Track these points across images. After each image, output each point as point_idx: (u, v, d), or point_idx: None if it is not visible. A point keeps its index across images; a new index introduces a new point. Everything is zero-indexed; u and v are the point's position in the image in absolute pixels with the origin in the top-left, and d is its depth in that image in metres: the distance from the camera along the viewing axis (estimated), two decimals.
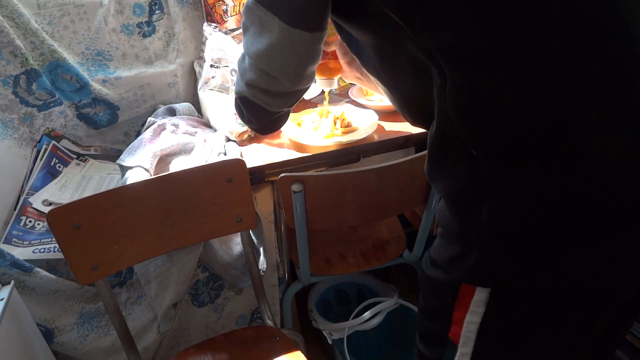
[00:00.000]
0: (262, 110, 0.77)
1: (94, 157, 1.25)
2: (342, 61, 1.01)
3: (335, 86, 1.13)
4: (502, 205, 0.52)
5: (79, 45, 1.19)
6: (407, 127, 1.14)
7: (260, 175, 1.04)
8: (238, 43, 1.09)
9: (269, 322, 1.07)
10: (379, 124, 1.12)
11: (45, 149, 1.16)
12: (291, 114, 1.18)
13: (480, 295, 0.57)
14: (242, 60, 0.75)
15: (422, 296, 0.69)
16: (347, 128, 1.11)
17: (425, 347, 0.71)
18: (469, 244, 0.56)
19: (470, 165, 0.52)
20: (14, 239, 0.99)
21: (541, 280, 0.54)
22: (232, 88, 1.10)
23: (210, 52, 1.14)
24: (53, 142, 1.18)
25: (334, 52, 1.05)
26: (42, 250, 0.97)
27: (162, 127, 1.15)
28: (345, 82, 1.40)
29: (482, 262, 0.55)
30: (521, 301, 0.57)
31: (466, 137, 0.52)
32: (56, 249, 0.97)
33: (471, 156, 0.52)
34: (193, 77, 1.35)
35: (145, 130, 1.16)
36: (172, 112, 1.25)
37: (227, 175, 0.94)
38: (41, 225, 1.04)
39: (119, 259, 0.92)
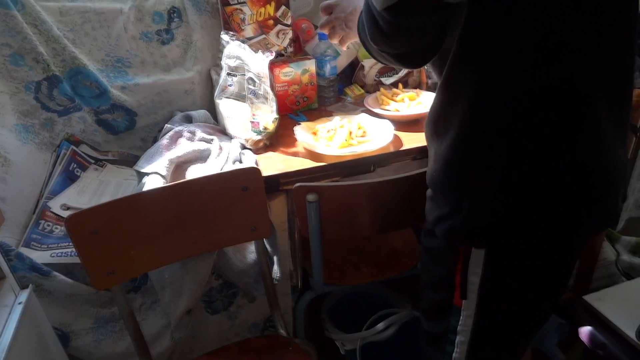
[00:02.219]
0: (434, 8, 0.55)
1: (112, 162, 1.26)
2: None
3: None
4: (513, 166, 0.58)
5: (99, 52, 1.20)
6: (422, 138, 1.13)
7: (275, 184, 1.04)
8: (255, 52, 1.10)
9: (282, 331, 1.07)
10: (394, 134, 1.11)
11: (65, 154, 1.18)
12: (307, 123, 1.19)
13: (477, 255, 0.62)
14: None
15: (423, 269, 0.74)
16: (363, 138, 1.11)
17: (431, 322, 0.73)
18: (458, 205, 0.61)
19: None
20: (32, 243, 1.00)
21: (530, 236, 0.61)
22: (249, 96, 1.11)
23: (227, 61, 1.15)
24: (72, 147, 1.20)
25: None
26: (60, 254, 0.99)
27: (179, 134, 1.16)
28: (360, 90, 1.39)
29: (472, 223, 0.61)
30: (515, 255, 0.62)
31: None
32: (74, 254, 0.98)
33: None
34: (210, 85, 1.36)
35: (162, 136, 1.17)
36: (188, 119, 1.26)
37: (243, 184, 0.95)
38: (59, 229, 1.05)
39: (135, 265, 0.93)
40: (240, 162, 1.09)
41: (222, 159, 1.09)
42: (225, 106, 1.18)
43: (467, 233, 0.61)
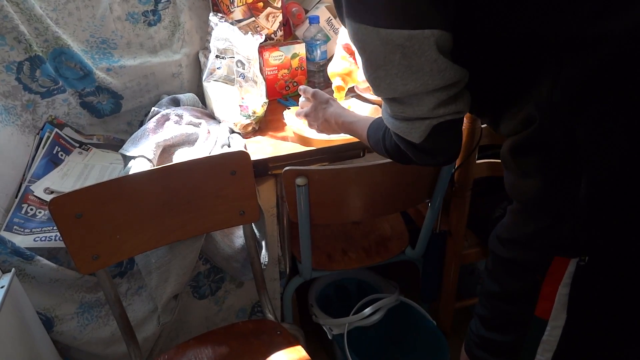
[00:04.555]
0: (458, 123, 0.66)
1: (97, 146, 1.24)
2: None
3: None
4: (603, 177, 0.54)
5: (83, 32, 1.17)
6: None
7: (264, 168, 1.03)
8: (244, 34, 1.08)
9: (270, 316, 1.07)
10: None
11: (48, 137, 1.15)
12: (296, 108, 1.18)
13: (573, 267, 0.59)
14: (399, 105, 0.64)
15: (495, 281, 0.69)
16: None
17: (498, 333, 0.70)
18: (561, 216, 0.58)
19: (571, 143, 0.54)
20: (15, 227, 0.98)
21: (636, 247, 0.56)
22: (238, 80, 1.09)
23: (215, 43, 1.13)
24: (56, 130, 1.17)
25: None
26: (43, 238, 0.97)
27: (166, 118, 1.14)
28: None
29: (578, 233, 0.57)
30: (614, 267, 0.59)
31: (571, 121, 0.54)
32: (57, 238, 0.96)
33: (573, 135, 0.54)
34: (198, 68, 1.33)
35: (149, 120, 1.15)
36: (176, 103, 1.24)
37: (231, 168, 0.94)
38: (42, 214, 1.03)
39: (120, 249, 0.91)
40: (229, 146, 1.08)
41: (210, 142, 1.08)
42: (214, 89, 1.17)
43: (573, 244, 0.58)
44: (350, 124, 0.89)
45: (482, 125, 1.02)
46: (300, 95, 1.04)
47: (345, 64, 1.17)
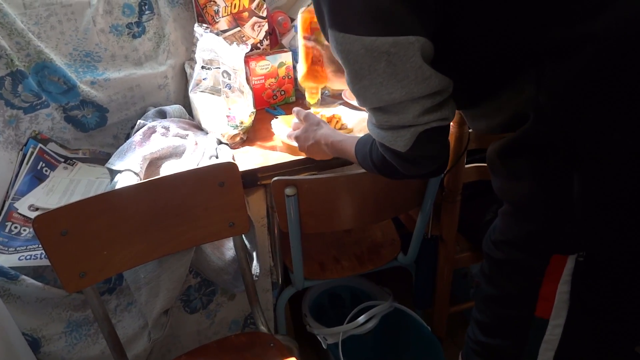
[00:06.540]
0: (444, 130, 0.66)
1: (82, 160, 1.22)
2: (327, 70, 1.03)
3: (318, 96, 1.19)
4: (596, 174, 0.54)
5: (66, 46, 1.16)
6: None
7: (253, 178, 1.03)
8: (230, 44, 1.07)
9: (263, 328, 1.05)
10: None
11: (32, 153, 1.13)
12: (284, 117, 1.18)
13: (572, 263, 0.59)
14: (384, 114, 0.63)
15: (492, 285, 0.69)
16: (341, 130, 1.10)
17: (497, 338, 0.70)
18: (555, 215, 0.58)
19: (561, 143, 0.55)
20: None
21: (635, 242, 0.57)
22: (224, 90, 1.08)
23: (201, 54, 1.12)
24: (40, 145, 1.15)
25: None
26: (28, 257, 0.95)
27: (153, 130, 1.13)
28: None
29: (575, 231, 0.57)
30: (613, 261, 0.59)
31: (560, 121, 0.55)
32: (43, 256, 0.94)
33: (563, 136, 0.54)
34: (184, 79, 1.33)
35: (135, 133, 1.14)
36: (162, 115, 1.23)
37: (219, 179, 0.93)
38: (27, 232, 1.01)
39: (108, 266, 0.90)
40: (217, 157, 1.07)
41: (197, 154, 1.07)
42: (200, 100, 1.16)
43: (569, 242, 0.59)
44: (339, 143, 0.88)
45: (470, 130, 1.02)
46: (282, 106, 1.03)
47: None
